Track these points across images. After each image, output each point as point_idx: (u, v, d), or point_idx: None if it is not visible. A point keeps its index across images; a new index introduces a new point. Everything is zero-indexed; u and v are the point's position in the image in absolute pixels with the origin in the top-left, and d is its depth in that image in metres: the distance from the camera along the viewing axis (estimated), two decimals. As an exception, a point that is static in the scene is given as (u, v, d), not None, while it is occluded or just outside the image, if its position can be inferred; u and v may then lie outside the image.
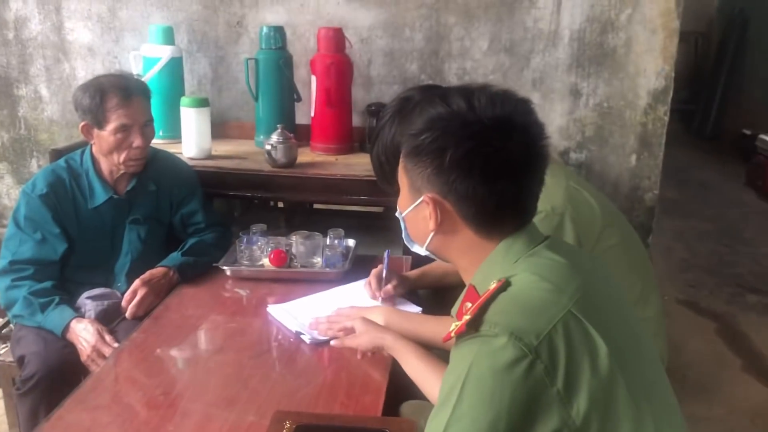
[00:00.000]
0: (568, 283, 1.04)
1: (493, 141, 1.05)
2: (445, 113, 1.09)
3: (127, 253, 2.09)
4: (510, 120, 1.07)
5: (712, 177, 5.84)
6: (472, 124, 1.06)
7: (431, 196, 1.10)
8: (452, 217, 1.11)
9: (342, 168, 2.45)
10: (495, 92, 1.10)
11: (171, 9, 2.80)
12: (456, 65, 2.76)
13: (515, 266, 1.08)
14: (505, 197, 1.08)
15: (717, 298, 3.55)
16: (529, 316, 0.99)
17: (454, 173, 1.07)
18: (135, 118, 1.96)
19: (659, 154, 2.80)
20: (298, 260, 2.07)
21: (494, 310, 1.01)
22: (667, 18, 2.65)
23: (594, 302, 1.05)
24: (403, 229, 1.23)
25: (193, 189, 2.21)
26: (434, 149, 1.08)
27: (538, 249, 1.10)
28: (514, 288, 1.04)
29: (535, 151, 1.09)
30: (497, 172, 1.06)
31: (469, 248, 1.13)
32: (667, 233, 4.29)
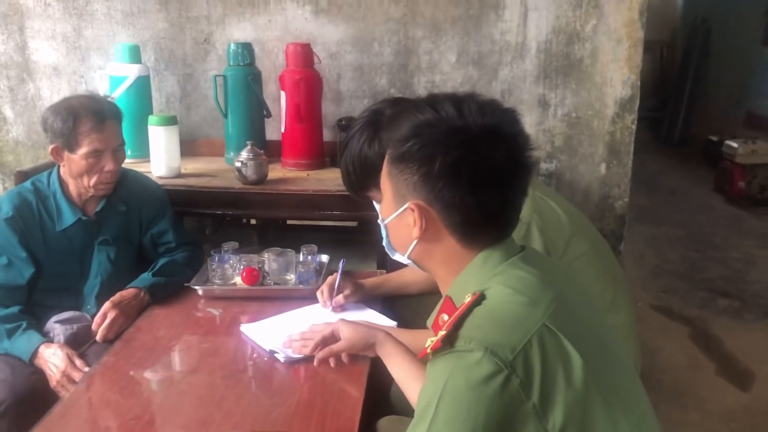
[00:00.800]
0: (542, 295, 1.04)
1: (482, 149, 1.04)
2: (433, 119, 1.07)
3: (96, 275, 2.05)
4: (499, 129, 1.06)
5: (681, 183, 5.93)
6: (462, 132, 1.05)
7: (417, 203, 1.09)
8: (436, 226, 1.10)
9: (314, 183, 2.44)
10: (484, 101, 1.10)
11: (137, 27, 2.78)
12: (425, 78, 2.78)
13: (491, 278, 1.07)
14: (490, 207, 1.08)
15: (689, 303, 3.59)
16: (504, 330, 0.98)
17: (442, 181, 1.06)
18: (108, 142, 1.93)
19: (628, 163, 2.83)
20: (271, 278, 2.05)
21: (469, 326, 1.00)
22: (631, 28, 2.69)
23: (568, 314, 1.05)
24: (385, 236, 1.21)
25: (162, 208, 2.18)
26: (422, 156, 1.07)
27: (512, 261, 1.09)
28: (488, 302, 1.03)
29: (521, 161, 1.08)
30: (484, 181, 1.05)
31: (450, 258, 1.12)
32: (638, 240, 4.34)
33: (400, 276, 2.05)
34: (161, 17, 2.77)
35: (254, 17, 2.75)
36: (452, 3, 2.69)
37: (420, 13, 2.71)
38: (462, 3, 2.69)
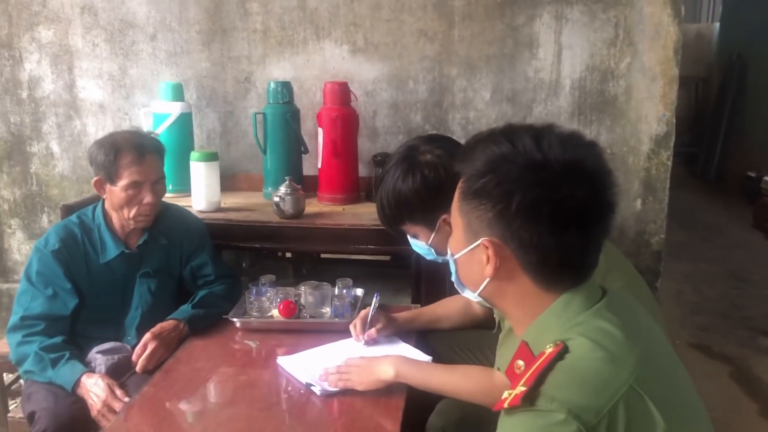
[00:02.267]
0: (627, 353, 0.97)
1: (564, 187, 0.97)
2: (510, 153, 1.01)
3: (137, 307, 2.10)
4: (582, 165, 0.99)
5: (718, 219, 5.84)
6: (542, 168, 0.98)
7: (491, 240, 1.03)
8: (511, 264, 1.04)
9: (349, 218, 2.48)
10: (565, 133, 1.03)
11: (180, 66, 2.88)
12: (459, 115, 2.81)
13: (572, 328, 1.00)
14: (571, 249, 1.01)
15: (729, 341, 3.52)
16: (588, 392, 0.92)
17: (520, 220, 1.00)
18: (147, 175, 2.00)
19: (664, 199, 2.82)
20: (307, 311, 2.07)
21: (552, 383, 0.93)
22: (666, 66, 2.70)
23: (652, 372, 0.98)
24: (454, 272, 1.16)
25: (202, 242, 2.23)
26: (499, 193, 1.01)
27: (596, 309, 1.02)
28: (571, 357, 0.96)
29: (605, 199, 1.01)
30: (567, 221, 0.99)
31: (525, 298, 1.06)
32: (675, 276, 4.28)
33: (433, 310, 2.06)
34: (204, 57, 2.87)
35: (293, 57, 2.82)
36: (486, 42, 2.73)
37: (455, 52, 2.75)
38: (496, 42, 2.73)
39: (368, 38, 2.78)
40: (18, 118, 3.02)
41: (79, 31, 2.90)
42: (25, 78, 2.98)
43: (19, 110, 3.01)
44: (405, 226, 1.76)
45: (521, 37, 2.73)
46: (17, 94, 2.99)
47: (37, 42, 2.93)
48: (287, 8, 2.79)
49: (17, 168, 3.08)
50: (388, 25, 2.76)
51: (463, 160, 1.08)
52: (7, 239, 3.17)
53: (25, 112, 3.01)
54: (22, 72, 2.97)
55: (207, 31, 2.84)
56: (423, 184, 1.65)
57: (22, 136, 3.04)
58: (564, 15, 2.69)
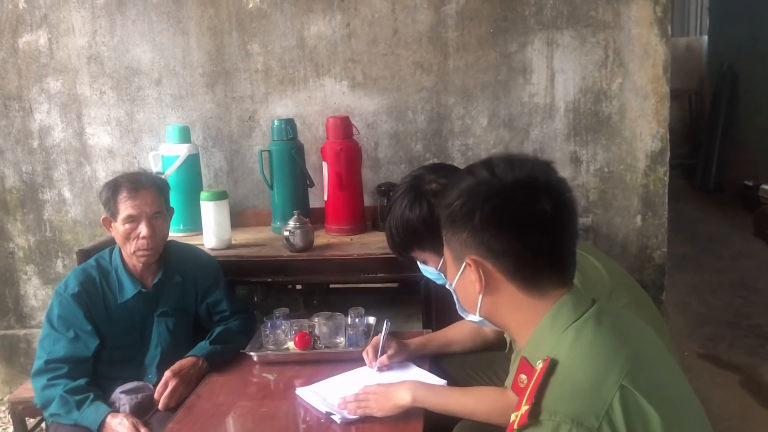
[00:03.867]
0: (616, 355, 1.06)
1: (517, 197, 1.12)
2: (472, 182, 1.16)
3: (156, 346, 2.15)
4: (532, 179, 1.13)
5: (719, 229, 5.88)
6: (494, 185, 1.14)
7: (472, 258, 1.16)
8: (495, 276, 1.15)
9: (357, 248, 2.54)
10: (514, 157, 1.19)
11: (186, 109, 2.96)
12: (459, 142, 2.89)
13: (562, 338, 1.10)
14: (540, 248, 1.12)
15: (737, 350, 3.55)
16: (584, 398, 1.01)
17: (487, 231, 1.13)
18: (141, 208, 2.05)
19: (663, 213, 2.88)
20: (322, 341, 2.12)
21: (551, 397, 1.03)
22: (656, 84, 2.78)
23: (643, 371, 1.06)
24: (456, 300, 1.30)
25: (216, 278, 2.29)
26: (464, 213, 1.15)
27: (584, 319, 1.12)
28: (562, 368, 1.05)
29: (561, 202, 1.14)
30: (527, 224, 1.11)
31: (517, 308, 1.17)
32: (680, 288, 4.32)
33: (444, 334, 2.11)
34: (208, 99, 2.95)
35: (295, 94, 2.91)
36: (481, 70, 2.82)
37: (451, 82, 2.84)
38: (490, 70, 2.82)
39: (366, 73, 2.87)
40: (30, 167, 3.10)
41: (86, 80, 2.99)
42: (36, 128, 3.06)
43: (30, 159, 3.09)
44: (414, 253, 1.82)
45: (514, 64, 2.81)
46: (28, 143, 3.08)
47: (46, 93, 3.02)
48: (287, 48, 2.89)
49: (31, 215, 3.15)
50: (385, 59, 2.85)
51: (440, 199, 1.26)
52: (23, 286, 3.23)
53: (36, 161, 3.09)
54: (32, 122, 3.06)
55: (210, 74, 2.94)
56: (429, 212, 1.70)
57: (35, 184, 3.12)
58: (555, 41, 2.78)
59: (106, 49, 2.96)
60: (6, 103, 3.05)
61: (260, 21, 2.88)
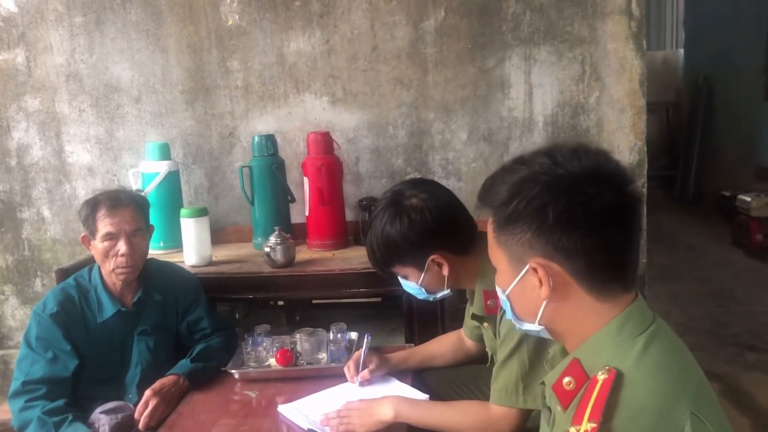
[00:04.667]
0: (686, 379, 1.01)
1: (589, 189, 1.01)
2: (530, 174, 1.05)
3: (137, 365, 2.13)
4: (599, 168, 1.04)
5: (698, 239, 5.96)
6: (563, 178, 1.03)
7: (537, 260, 1.05)
8: (563, 279, 1.05)
9: (339, 263, 2.54)
10: (574, 146, 1.08)
11: (165, 126, 2.96)
12: (439, 156, 2.91)
13: (626, 349, 1.02)
14: (614, 246, 1.03)
15: (717, 359, 3.59)
16: (659, 423, 0.95)
17: (559, 230, 1.02)
18: (120, 226, 2.04)
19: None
20: (304, 357, 2.12)
21: (622, 418, 0.95)
22: (633, 97, 2.82)
23: (706, 396, 1.02)
24: (509, 309, 1.16)
25: (197, 296, 2.28)
26: (531, 210, 1.03)
27: (651, 333, 1.04)
28: (631, 385, 0.98)
29: (629, 193, 1.05)
30: (602, 219, 1.02)
31: (583, 314, 1.07)
32: (661, 298, 4.36)
33: (425, 348, 2.12)
34: (188, 115, 2.95)
35: (275, 110, 2.92)
36: (460, 86, 2.85)
37: (430, 97, 2.86)
38: (469, 85, 2.84)
39: (347, 88, 2.88)
40: (8, 185, 3.07)
41: (65, 98, 2.98)
42: (14, 146, 3.04)
43: (8, 178, 3.06)
44: (395, 269, 1.82)
45: (493, 79, 2.84)
46: (6, 162, 3.05)
47: (24, 111, 3.01)
48: (266, 64, 2.89)
49: (8, 234, 3.12)
50: (365, 75, 2.87)
51: (486, 197, 1.11)
52: (0, 306, 3.19)
53: (14, 179, 3.06)
54: (10, 141, 3.03)
55: (190, 91, 2.94)
56: (410, 227, 1.71)
57: (12, 203, 3.09)
58: (532, 56, 2.82)
59: (85, 67, 2.95)
60: (-17, 121, 3.03)
61: (240, 38, 2.89)
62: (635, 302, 1.07)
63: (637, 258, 1.08)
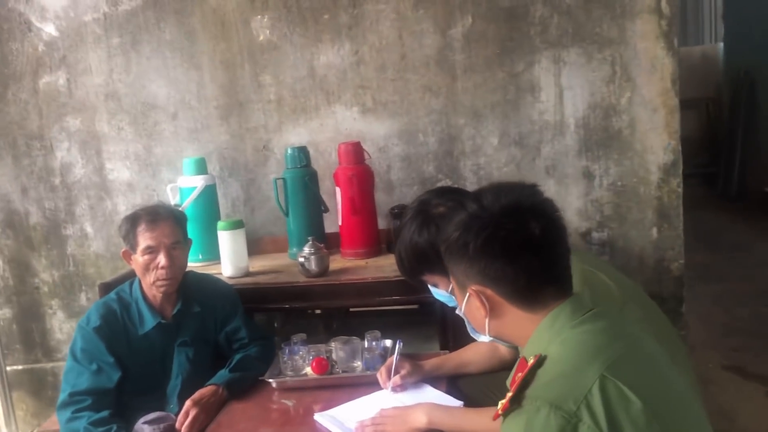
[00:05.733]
0: (602, 350, 1.14)
1: (506, 225, 1.20)
2: (464, 216, 1.26)
3: (177, 375, 2.19)
4: (517, 204, 1.22)
5: (743, 237, 5.81)
6: (485, 217, 1.23)
7: (473, 288, 1.25)
8: (497, 301, 1.24)
9: (373, 271, 2.56)
10: (500, 186, 1.29)
11: (202, 141, 3.03)
12: (470, 162, 2.91)
13: (556, 338, 1.19)
14: (532, 271, 1.20)
15: (764, 360, 3.50)
16: (564, 385, 1.10)
17: (482, 261, 1.22)
18: (160, 239, 2.11)
19: (679, 225, 2.86)
20: (339, 366, 2.14)
21: (534, 386, 1.14)
22: (665, 97, 2.78)
23: (633, 364, 1.14)
24: (467, 324, 1.41)
25: (234, 306, 2.33)
26: (460, 246, 1.24)
27: (581, 321, 1.20)
28: (549, 362, 1.16)
29: (549, 223, 1.22)
30: (517, 249, 1.20)
31: (521, 325, 1.25)
32: (704, 299, 4.27)
33: (459, 355, 2.12)
34: (223, 130, 3.02)
35: (307, 122, 2.96)
36: (489, 91, 2.85)
37: (460, 103, 2.87)
38: (499, 90, 2.85)
39: (376, 98, 2.91)
40: (52, 203, 3.18)
41: (104, 117, 3.08)
42: (57, 165, 3.15)
43: (53, 196, 3.17)
44: (425, 277, 1.84)
45: (522, 83, 2.84)
46: (50, 181, 3.16)
47: (66, 131, 3.11)
48: (298, 78, 2.94)
49: (54, 251, 3.23)
50: (394, 84, 2.89)
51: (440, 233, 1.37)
52: (48, 320, 3.30)
53: (58, 197, 3.17)
54: (54, 160, 3.14)
55: (224, 106, 3.00)
56: (438, 235, 1.73)
57: (57, 220, 3.19)
58: (561, 58, 2.81)
59: (123, 86, 3.04)
60: (28, 142, 3.14)
61: (271, 53, 2.94)
62: (566, 301, 1.22)
63: (565, 273, 1.25)
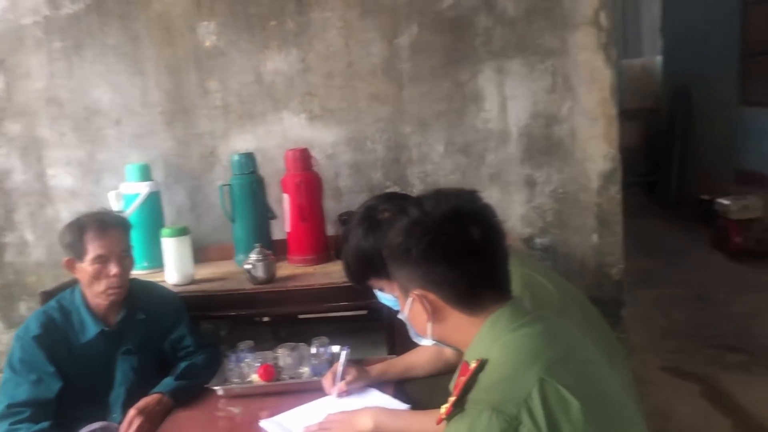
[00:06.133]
0: (540, 353, 1.17)
1: (447, 230, 1.23)
2: (406, 222, 1.28)
3: (121, 384, 2.15)
4: (458, 210, 1.25)
5: (680, 243, 6.03)
6: (427, 222, 1.25)
7: (416, 292, 1.27)
8: (439, 305, 1.26)
9: (321, 277, 2.57)
10: (441, 192, 1.31)
11: (146, 147, 2.99)
12: (417, 169, 2.96)
13: (496, 342, 1.21)
14: (473, 275, 1.23)
15: (698, 361, 3.64)
16: (505, 389, 1.12)
17: (424, 266, 1.24)
18: (111, 248, 2.08)
19: (619, 231, 2.96)
20: (286, 372, 2.14)
21: (476, 389, 1.16)
22: (605, 107, 2.89)
23: (570, 366, 1.18)
24: (409, 328, 1.41)
25: (180, 314, 2.30)
26: (403, 251, 1.26)
27: (519, 325, 1.22)
28: (490, 366, 1.18)
29: (488, 228, 1.25)
30: (459, 254, 1.22)
31: (463, 329, 1.27)
32: (643, 303, 4.41)
33: (405, 359, 2.14)
34: (168, 136, 2.99)
35: (254, 128, 2.96)
36: (435, 100, 2.90)
37: (407, 112, 2.92)
38: (444, 99, 2.90)
39: (324, 105, 2.93)
40: (-10, 210, 3.09)
41: (45, 122, 3.01)
42: (-5, 172, 3.06)
43: (-10, 203, 3.09)
44: (371, 282, 1.85)
45: (467, 92, 2.90)
46: (-13, 187, 3.08)
47: (5, 136, 3.03)
48: (244, 84, 2.94)
49: (-8, 259, 3.13)
50: (342, 91, 2.92)
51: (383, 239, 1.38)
52: (-14, 331, 3.20)
53: (-4, 204, 3.09)
54: (-10, 166, 3.06)
55: (169, 112, 2.98)
56: (384, 240, 1.75)
57: (-5, 228, 3.11)
58: (504, 68, 2.88)
59: (65, 91, 2.98)
60: (-36, 148, 3.05)
61: (217, 59, 2.93)
62: (505, 306, 1.26)
63: (504, 277, 1.29)
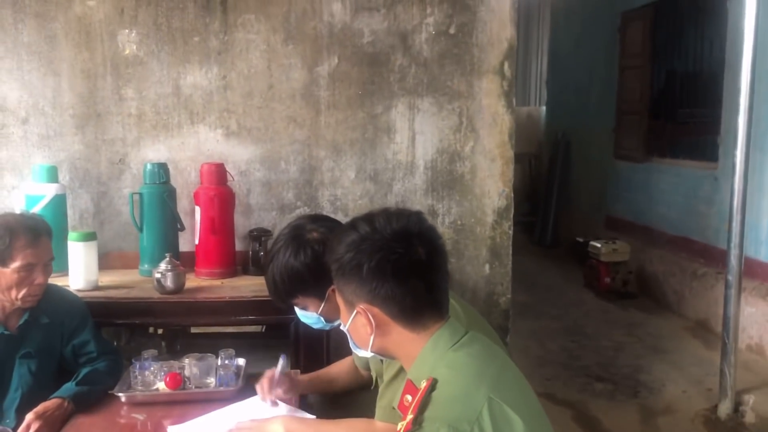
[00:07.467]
0: (484, 372, 1.28)
1: (397, 248, 1.31)
2: (356, 237, 1.34)
3: (17, 389, 2.09)
4: (407, 230, 1.34)
5: (555, 280, 6.48)
6: (377, 240, 1.32)
7: (361, 306, 1.34)
8: (383, 319, 1.34)
9: (229, 290, 2.61)
10: (392, 212, 1.38)
11: (53, 149, 2.92)
12: (328, 192, 3.08)
13: (441, 361, 1.29)
14: (418, 293, 1.32)
15: (570, 388, 3.96)
16: (458, 407, 1.21)
17: (374, 281, 1.31)
18: (40, 257, 2.06)
19: (508, 263, 3.20)
20: (192, 381, 2.16)
21: (432, 407, 1.22)
22: (503, 148, 3.13)
23: (507, 385, 1.29)
24: (350, 339, 1.47)
25: (84, 320, 2.26)
26: (353, 266, 1.33)
27: (459, 344, 1.32)
28: (441, 384, 1.25)
29: (433, 249, 1.35)
30: (406, 272, 1.31)
31: (404, 343, 1.35)
32: (522, 333, 4.72)
33: (327, 372, 2.21)
34: (77, 140, 2.94)
35: (168, 139, 2.97)
36: (350, 128, 3.04)
37: (322, 137, 3.04)
38: (358, 128, 3.05)
39: (241, 123, 3.00)
40: None
41: (-55, 114, 2.88)
42: None
43: None
44: (297, 300, 1.92)
45: (380, 124, 3.07)
46: None
47: None
48: (162, 95, 2.95)
49: None
50: (260, 111, 3.00)
51: (329, 250, 1.43)
52: None
53: None
54: None
55: (81, 115, 2.93)
56: (314, 258, 1.80)
57: None
58: (416, 105, 3.07)
59: (-31, 84, 2.87)
60: None
61: (136, 67, 2.93)
62: (445, 325, 1.36)
63: (444, 296, 1.38)
